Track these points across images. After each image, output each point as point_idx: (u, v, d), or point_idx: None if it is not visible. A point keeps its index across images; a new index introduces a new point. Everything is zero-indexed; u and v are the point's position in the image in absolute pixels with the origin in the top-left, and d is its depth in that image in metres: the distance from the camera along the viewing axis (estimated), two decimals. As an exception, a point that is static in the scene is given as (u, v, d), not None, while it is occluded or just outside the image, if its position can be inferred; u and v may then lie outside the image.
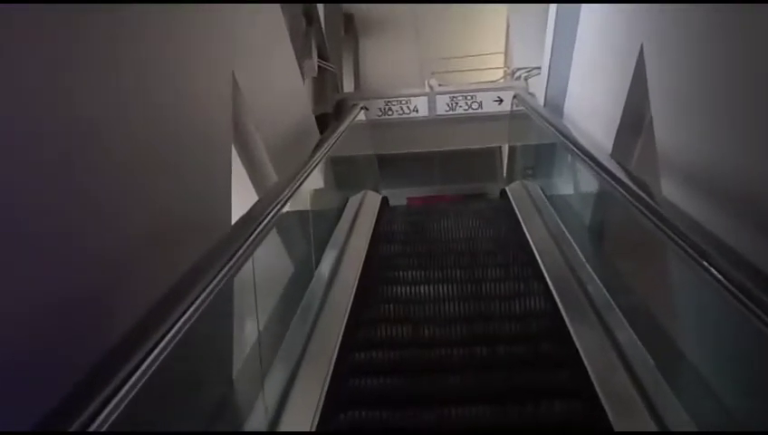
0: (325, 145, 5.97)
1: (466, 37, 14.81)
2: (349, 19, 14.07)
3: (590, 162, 4.73)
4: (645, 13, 4.70)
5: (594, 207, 5.55)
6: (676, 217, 3.23)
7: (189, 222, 3.70)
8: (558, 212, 6.30)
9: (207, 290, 2.47)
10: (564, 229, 5.81)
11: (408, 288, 5.01)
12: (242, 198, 5.27)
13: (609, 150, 5.45)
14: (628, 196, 3.77)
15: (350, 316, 4.54)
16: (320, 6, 10.78)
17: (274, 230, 4.21)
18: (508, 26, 13.95)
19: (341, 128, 6.71)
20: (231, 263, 2.83)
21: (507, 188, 7.63)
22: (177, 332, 2.15)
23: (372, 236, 6.14)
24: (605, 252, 5.23)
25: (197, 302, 2.35)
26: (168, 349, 2.06)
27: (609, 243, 5.26)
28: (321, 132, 7.78)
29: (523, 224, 6.23)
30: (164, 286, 2.35)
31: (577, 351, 3.87)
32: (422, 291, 4.97)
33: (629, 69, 4.92)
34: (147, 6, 3.41)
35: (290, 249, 5.06)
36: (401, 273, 5.37)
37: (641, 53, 4.71)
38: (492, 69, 14.94)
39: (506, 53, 14.87)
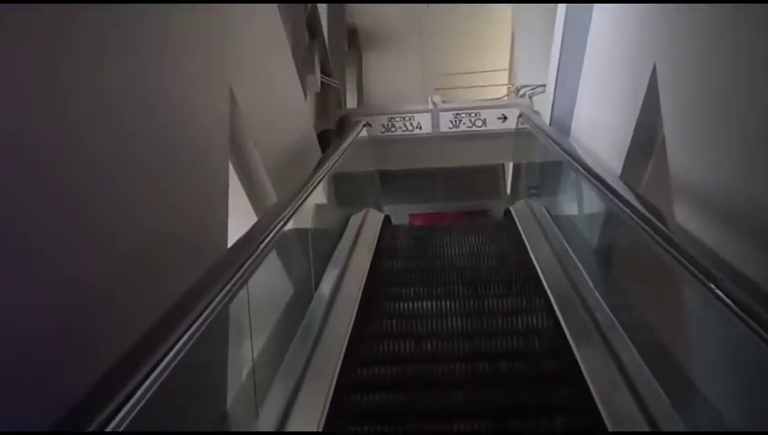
0: (327, 163, 5.82)
1: (470, 53, 14.69)
2: (352, 33, 13.95)
3: (600, 185, 4.55)
4: (658, 31, 4.55)
5: (602, 229, 5.39)
6: (689, 243, 3.03)
7: (184, 243, 3.53)
8: (563, 233, 6.15)
9: (203, 317, 2.34)
10: (570, 251, 5.65)
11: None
12: (239, 218, 5.13)
13: (619, 172, 5.29)
14: (639, 221, 3.59)
15: (352, 330, 4.52)
16: (323, 20, 10.64)
17: (274, 251, 4.08)
18: (513, 43, 13.83)
19: (344, 145, 6.56)
20: (228, 287, 2.70)
21: (511, 208, 7.46)
22: (170, 361, 2.02)
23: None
24: (614, 277, 5.07)
25: (192, 329, 2.23)
26: (160, 380, 1.93)
27: (617, 267, 5.09)
28: (324, 149, 7.63)
29: (528, 245, 6.08)
30: (154, 313, 2.21)
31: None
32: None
33: (641, 88, 4.76)
34: (142, 15, 3.25)
35: (290, 268, 4.90)
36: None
37: (654, 71, 4.55)
38: (495, 86, 14.81)
39: (510, 70, 14.74)
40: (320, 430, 3.44)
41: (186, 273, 2.68)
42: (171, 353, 2.04)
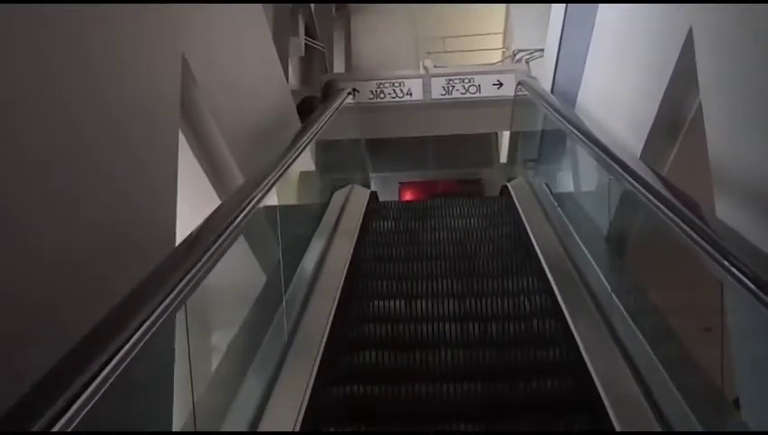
0: (304, 137, 4.96)
1: (464, 16, 13.76)
2: (340, -5, 13.03)
3: (621, 169, 3.72)
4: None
5: (617, 216, 4.57)
6: (735, 243, 2.30)
7: (123, 236, 2.89)
8: (567, 215, 5.35)
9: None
10: (577, 239, 4.86)
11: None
12: (199, 203, 4.32)
13: (638, 152, 4.48)
14: (669, 212, 2.81)
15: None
16: (308, -20, 9.73)
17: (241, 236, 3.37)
18: (508, 5, 12.90)
19: (323, 118, 5.70)
20: (186, 279, 2.20)
21: (510, 186, 6.61)
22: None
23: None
24: (630, 273, 4.26)
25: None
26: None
27: (635, 262, 4.30)
28: (308, 115, 6.78)
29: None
30: (86, 324, 1.72)
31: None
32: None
33: (671, 58, 3.94)
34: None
35: (256, 259, 4.10)
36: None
37: (689, 38, 3.70)
38: (490, 50, 13.90)
39: (505, 34, 13.82)
40: None
41: (126, 270, 2.30)
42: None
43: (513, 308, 4.19)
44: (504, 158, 14.07)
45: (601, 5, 5.42)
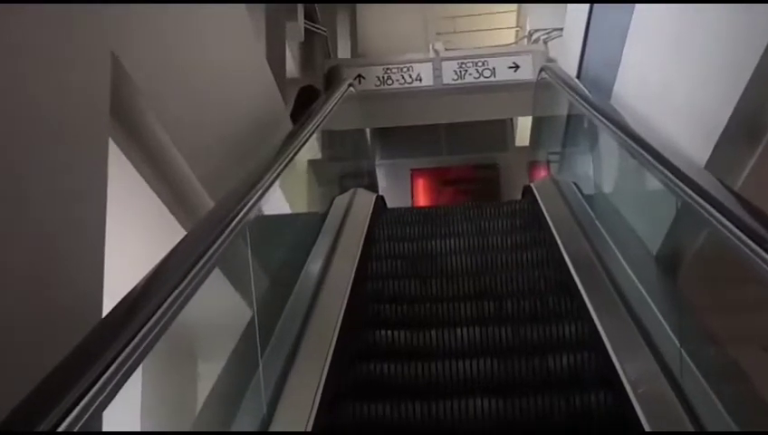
0: (289, 149, 3.96)
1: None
2: (345, -27, 11.89)
3: (682, 184, 2.81)
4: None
5: (672, 233, 3.60)
6: None
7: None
8: (602, 221, 4.40)
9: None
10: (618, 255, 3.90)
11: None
12: (151, 240, 3.36)
13: (704, 161, 3.47)
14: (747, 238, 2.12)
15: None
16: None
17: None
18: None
19: (314, 121, 4.68)
20: None
21: (534, 187, 5.58)
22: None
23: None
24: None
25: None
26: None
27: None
28: (306, 106, 5.78)
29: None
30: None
31: None
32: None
33: (753, 49, 2.91)
34: None
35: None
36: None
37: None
38: (503, 29, 12.81)
39: (519, 12, 12.71)
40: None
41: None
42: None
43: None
44: (519, 141, 13.07)
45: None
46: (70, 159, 2.42)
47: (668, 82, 4.02)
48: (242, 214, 2.86)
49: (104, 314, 1.98)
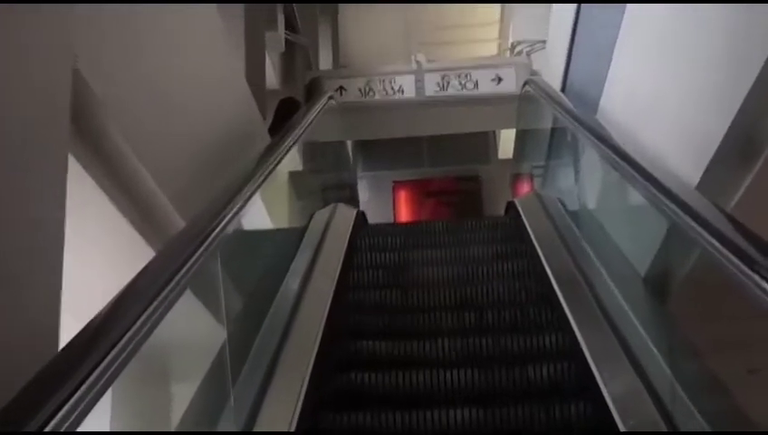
0: (266, 164, 3.78)
1: (458, 5, 12.47)
2: (326, -17, 11.71)
3: (676, 206, 2.67)
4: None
5: (661, 255, 3.45)
6: None
7: None
8: (588, 240, 4.25)
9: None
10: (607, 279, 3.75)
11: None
12: (119, 259, 3.18)
13: (695, 182, 3.32)
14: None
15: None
16: (288, -32, 8.46)
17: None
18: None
19: (295, 132, 4.51)
20: None
21: (517, 203, 5.41)
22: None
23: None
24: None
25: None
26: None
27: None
28: (288, 119, 5.60)
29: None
30: None
31: None
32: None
33: (750, 64, 2.76)
34: None
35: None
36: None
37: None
38: (486, 42, 12.69)
39: (502, 23, 12.59)
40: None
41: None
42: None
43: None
44: (502, 154, 12.96)
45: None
46: (26, 178, 2.24)
47: (658, 98, 3.86)
48: (216, 232, 2.71)
49: (64, 337, 1.86)
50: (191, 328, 2.85)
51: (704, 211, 2.62)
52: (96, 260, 3.43)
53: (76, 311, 2.25)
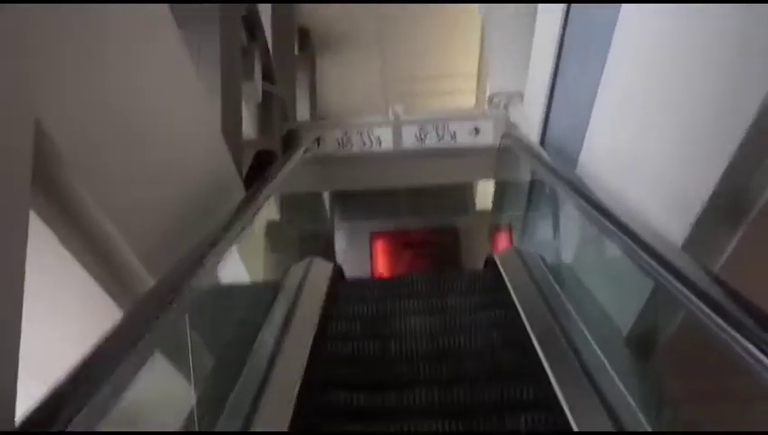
0: (238, 221, 3.66)
1: (436, 56, 12.50)
2: (304, 34, 11.68)
3: (666, 272, 2.61)
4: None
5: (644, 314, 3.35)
6: None
7: None
8: (569, 298, 4.15)
9: None
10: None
11: None
12: (86, 319, 3.04)
13: (680, 241, 3.22)
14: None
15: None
16: (266, 19, 8.41)
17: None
18: (482, 45, 11.69)
19: (267, 189, 4.40)
20: None
21: (497, 259, 5.29)
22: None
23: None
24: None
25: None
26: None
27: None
28: (264, 171, 5.49)
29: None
30: None
31: None
32: None
33: (740, 120, 2.68)
34: None
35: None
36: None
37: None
38: (464, 93, 12.69)
39: (479, 75, 12.61)
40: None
41: None
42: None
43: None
44: (480, 205, 12.90)
45: (621, 25, 4.11)
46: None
47: (641, 153, 3.78)
48: (184, 291, 2.62)
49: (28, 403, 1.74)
50: (159, 387, 2.72)
51: (689, 272, 2.55)
52: (63, 323, 3.29)
53: (44, 375, 2.12)
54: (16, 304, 2.20)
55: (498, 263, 5.07)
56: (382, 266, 13.08)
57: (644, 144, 3.72)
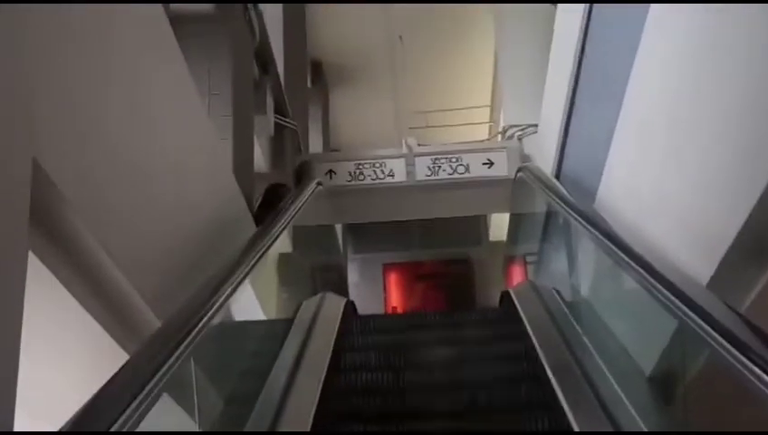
0: (250, 257, 3.55)
1: (449, 89, 12.45)
2: (317, 67, 11.66)
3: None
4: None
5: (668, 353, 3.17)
6: None
7: None
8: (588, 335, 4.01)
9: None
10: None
11: None
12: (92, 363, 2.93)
13: (706, 279, 3.09)
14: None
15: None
16: (278, 52, 8.35)
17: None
18: (495, 77, 11.63)
19: (278, 226, 4.29)
20: None
21: (513, 294, 5.15)
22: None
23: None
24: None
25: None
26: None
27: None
28: (276, 205, 5.39)
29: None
30: None
31: None
32: None
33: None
34: None
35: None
36: None
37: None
38: (477, 124, 12.61)
39: (493, 107, 12.53)
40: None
41: None
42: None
43: None
44: (493, 236, 12.78)
45: (641, 59, 3.97)
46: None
47: (663, 191, 3.64)
48: (193, 334, 2.51)
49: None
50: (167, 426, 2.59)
51: (715, 311, 2.45)
52: (67, 365, 3.19)
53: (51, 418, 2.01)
54: (13, 349, 2.09)
55: (514, 298, 4.95)
56: (395, 299, 12.98)
57: (666, 182, 3.59)
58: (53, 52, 2.48)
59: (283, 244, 5.28)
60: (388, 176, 8.63)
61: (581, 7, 5.10)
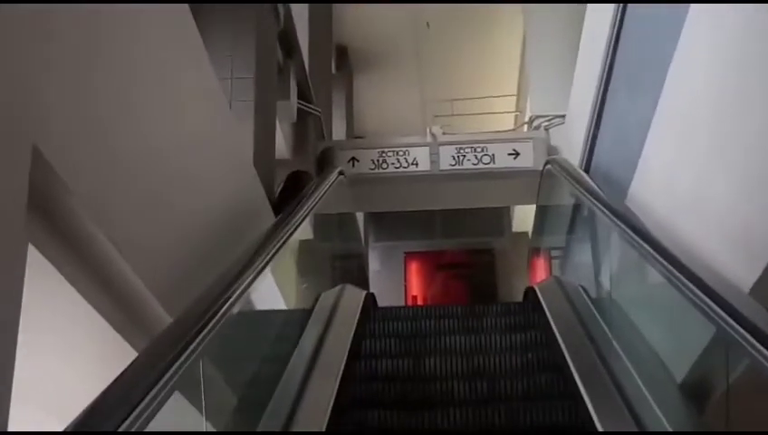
0: (264, 253, 3.37)
1: (474, 77, 12.21)
2: (342, 52, 11.46)
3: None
4: None
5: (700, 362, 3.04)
6: None
7: None
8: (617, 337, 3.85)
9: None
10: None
11: None
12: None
13: (749, 285, 2.89)
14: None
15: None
16: (303, 36, 8.16)
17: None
18: (522, 66, 11.38)
19: (299, 216, 4.12)
20: None
21: (537, 290, 4.95)
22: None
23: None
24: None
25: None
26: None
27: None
28: (297, 193, 5.23)
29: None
30: None
31: None
32: None
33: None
34: None
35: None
36: None
37: None
38: (502, 114, 12.38)
39: (519, 97, 12.28)
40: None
41: None
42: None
43: None
44: (516, 227, 12.59)
45: (682, 50, 3.73)
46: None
47: (704, 188, 3.40)
48: (208, 329, 2.34)
49: None
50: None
51: (758, 320, 2.27)
52: (76, 359, 3.04)
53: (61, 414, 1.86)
54: (10, 342, 1.95)
55: (539, 295, 4.76)
56: (416, 288, 12.83)
57: (708, 178, 3.35)
58: (57, 35, 2.30)
59: (304, 230, 5.14)
60: (412, 165, 8.44)
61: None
